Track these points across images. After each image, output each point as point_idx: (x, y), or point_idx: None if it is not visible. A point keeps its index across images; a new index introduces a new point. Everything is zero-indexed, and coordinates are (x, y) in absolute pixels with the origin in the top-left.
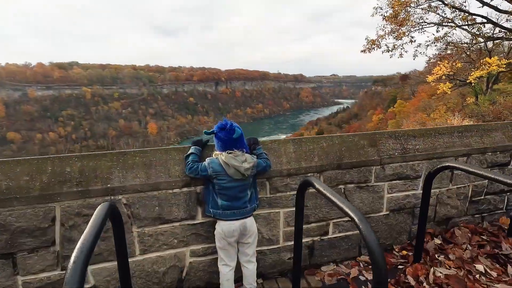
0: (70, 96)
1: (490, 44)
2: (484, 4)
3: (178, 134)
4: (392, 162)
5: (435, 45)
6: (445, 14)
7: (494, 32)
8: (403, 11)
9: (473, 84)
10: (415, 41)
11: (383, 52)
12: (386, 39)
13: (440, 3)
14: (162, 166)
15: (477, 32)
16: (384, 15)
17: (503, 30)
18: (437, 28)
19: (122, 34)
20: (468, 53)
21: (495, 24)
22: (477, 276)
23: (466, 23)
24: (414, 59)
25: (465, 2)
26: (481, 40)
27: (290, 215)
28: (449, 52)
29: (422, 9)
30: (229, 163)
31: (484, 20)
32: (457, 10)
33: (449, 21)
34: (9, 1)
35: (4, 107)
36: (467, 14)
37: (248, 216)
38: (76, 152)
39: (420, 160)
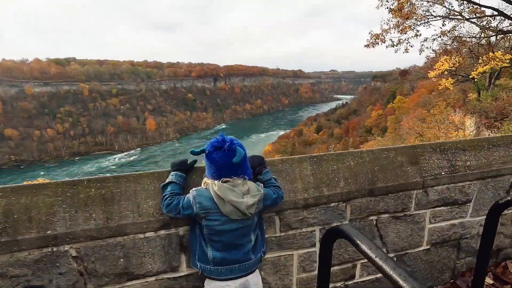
0: (67, 93)
1: (493, 38)
2: None
3: (177, 130)
4: (438, 184)
5: (442, 39)
6: (452, 6)
7: (503, 26)
8: (408, 3)
9: (476, 79)
10: (420, 35)
11: (387, 46)
12: (391, 33)
13: None
14: (130, 201)
15: (486, 26)
16: (389, 8)
17: None
18: (443, 21)
19: (119, 29)
20: (471, 48)
21: (508, 17)
22: None
23: (475, 15)
24: (420, 54)
25: None
26: (490, 33)
27: (306, 257)
28: (453, 46)
29: (428, 1)
30: (224, 197)
31: (495, 13)
32: (465, 2)
33: (457, 14)
34: None
35: (1, 103)
36: (476, 6)
37: (251, 271)
38: (74, 148)
39: (471, 180)
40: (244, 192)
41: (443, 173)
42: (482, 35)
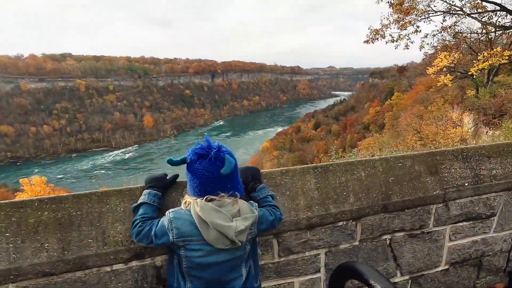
0: (63, 89)
1: (493, 34)
2: None
3: (175, 127)
4: (460, 197)
5: (442, 35)
6: (453, 1)
7: (506, 21)
8: None
9: (474, 76)
10: (420, 31)
11: (387, 42)
12: (390, 28)
13: None
14: (93, 226)
15: (487, 21)
16: (390, 2)
17: None
18: (444, 17)
19: (115, 25)
20: (471, 44)
21: (510, 12)
22: None
23: (476, 11)
24: (420, 50)
25: None
26: (492, 29)
27: (309, 285)
28: (454, 42)
29: None
30: (208, 221)
31: (497, 8)
32: None
33: (458, 9)
34: None
35: None
36: (478, 1)
37: None
38: (71, 145)
39: (497, 192)
40: (233, 214)
41: (466, 184)
42: (484, 30)
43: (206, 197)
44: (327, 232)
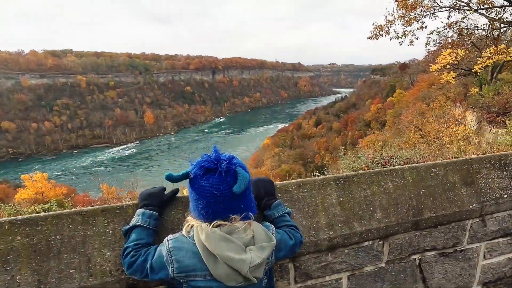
0: (64, 85)
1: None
2: None
3: (175, 123)
4: (498, 211)
5: (448, 31)
6: None
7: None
8: None
9: (478, 73)
10: (426, 27)
11: (391, 39)
12: (395, 24)
13: None
14: (76, 253)
15: (495, 17)
16: None
17: None
18: (449, 13)
19: (115, 20)
20: (475, 41)
21: None
22: None
23: (483, 6)
24: (426, 47)
25: None
26: (500, 25)
27: None
28: (460, 39)
29: None
30: (217, 253)
31: (506, 3)
32: None
33: (464, 4)
34: None
35: None
36: None
37: None
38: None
39: None
40: (246, 242)
41: (505, 196)
42: (491, 27)
43: (213, 222)
44: (351, 253)
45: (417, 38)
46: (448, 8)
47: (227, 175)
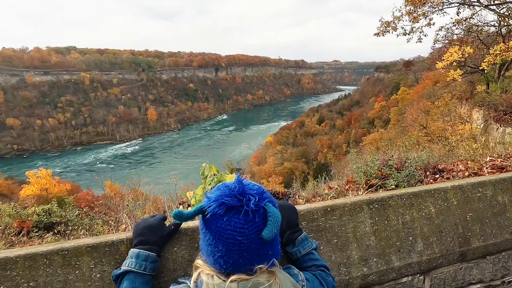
0: (68, 82)
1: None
2: None
3: (178, 121)
4: None
5: (456, 28)
6: None
7: None
8: None
9: (486, 71)
10: (434, 24)
11: (398, 35)
12: (403, 21)
13: None
14: None
15: (506, 13)
16: None
17: None
18: (458, 9)
19: (118, 17)
20: (483, 37)
21: None
22: None
23: (494, 2)
24: (434, 44)
25: None
26: (510, 21)
27: None
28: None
29: None
30: None
31: None
32: None
33: (475, 0)
34: None
35: (2, 92)
36: None
37: None
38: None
39: None
40: None
41: None
42: (502, 23)
43: (231, 277)
44: None
45: (425, 35)
46: (458, 4)
47: (255, 215)
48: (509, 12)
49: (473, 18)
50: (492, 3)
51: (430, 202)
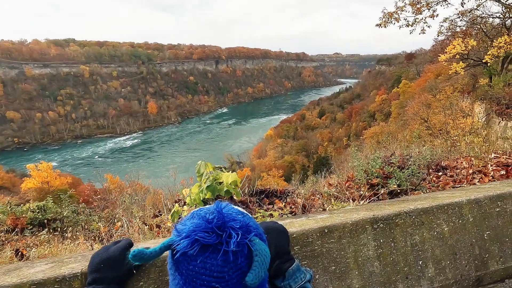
0: (68, 75)
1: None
2: None
3: (179, 114)
4: None
5: (460, 20)
6: None
7: None
8: None
9: (489, 64)
10: (437, 15)
11: (400, 27)
12: (406, 11)
13: None
14: None
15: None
16: None
17: None
18: (463, 0)
19: (117, 9)
20: (486, 30)
21: None
22: None
23: None
24: (438, 36)
25: None
26: None
27: None
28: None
29: None
30: None
31: None
32: None
33: None
34: None
35: (1, 85)
36: None
37: None
38: (76, 131)
39: None
40: None
41: None
42: (507, 14)
43: None
44: None
45: (429, 26)
46: None
47: (237, 255)
48: None
49: (478, 10)
50: None
51: (442, 220)
